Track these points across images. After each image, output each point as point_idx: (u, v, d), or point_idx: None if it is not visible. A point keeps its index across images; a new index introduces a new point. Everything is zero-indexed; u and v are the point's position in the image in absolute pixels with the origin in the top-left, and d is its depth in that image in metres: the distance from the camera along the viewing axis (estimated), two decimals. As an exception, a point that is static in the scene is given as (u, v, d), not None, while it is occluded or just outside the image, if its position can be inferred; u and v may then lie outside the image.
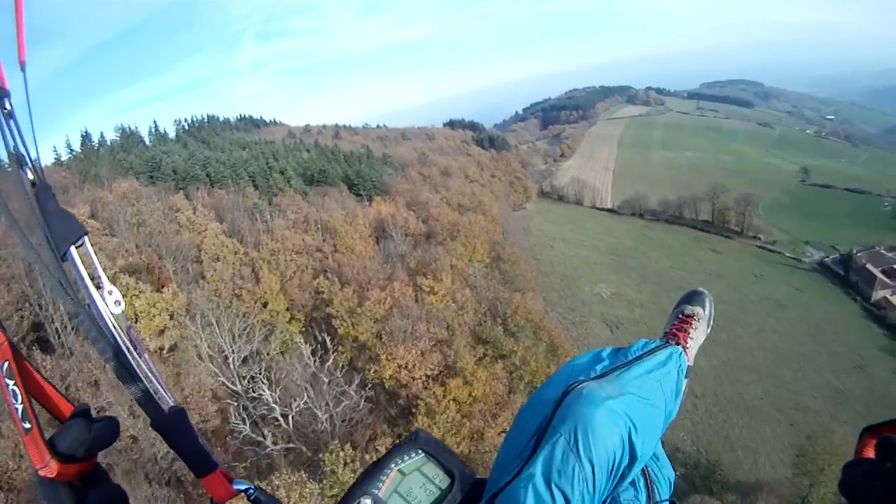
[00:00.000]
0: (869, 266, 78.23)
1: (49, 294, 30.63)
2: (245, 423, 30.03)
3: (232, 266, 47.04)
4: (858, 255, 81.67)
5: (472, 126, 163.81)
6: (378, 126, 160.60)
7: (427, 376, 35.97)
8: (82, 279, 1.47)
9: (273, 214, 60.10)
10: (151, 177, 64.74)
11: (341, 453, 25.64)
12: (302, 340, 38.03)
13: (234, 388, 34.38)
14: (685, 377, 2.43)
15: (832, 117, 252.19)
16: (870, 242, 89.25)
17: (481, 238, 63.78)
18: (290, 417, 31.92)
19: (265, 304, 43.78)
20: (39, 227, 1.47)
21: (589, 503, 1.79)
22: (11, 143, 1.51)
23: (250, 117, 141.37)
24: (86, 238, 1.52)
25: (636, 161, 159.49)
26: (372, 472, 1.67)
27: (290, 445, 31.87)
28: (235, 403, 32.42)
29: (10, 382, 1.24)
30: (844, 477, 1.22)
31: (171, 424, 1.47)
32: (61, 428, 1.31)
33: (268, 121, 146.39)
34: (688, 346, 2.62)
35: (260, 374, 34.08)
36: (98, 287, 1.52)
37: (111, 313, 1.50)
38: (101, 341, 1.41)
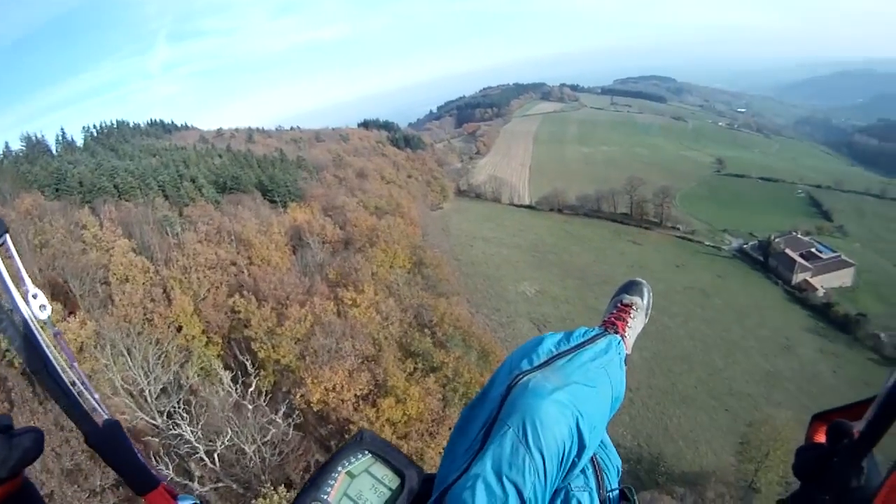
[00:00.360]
0: (788, 251, 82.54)
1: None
2: (168, 465, 27.27)
3: (142, 287, 44.27)
4: (777, 240, 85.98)
5: (387, 126, 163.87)
6: (292, 128, 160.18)
7: (357, 397, 34.96)
8: (3, 281, 1.36)
9: (184, 227, 57.56)
10: (57, 190, 60.88)
11: (275, 496, 24.00)
12: (221, 365, 36.83)
13: (154, 422, 31.99)
14: (625, 364, 2.52)
15: (743, 110, 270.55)
16: (786, 228, 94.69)
17: (401, 243, 63.05)
18: (215, 455, 29.35)
19: (179, 328, 41.56)
20: None
21: (541, 493, 1.87)
22: None
23: (161, 122, 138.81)
24: (7, 236, 1.42)
25: (552, 157, 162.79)
26: (319, 477, 1.65)
27: (220, 485, 29.67)
28: (157, 439, 29.96)
29: None
30: (798, 461, 1.32)
31: (108, 440, 1.42)
32: None
33: (179, 125, 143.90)
34: (626, 334, 2.72)
35: (179, 406, 31.03)
36: (21, 290, 1.41)
37: (36, 319, 1.40)
38: (28, 350, 1.34)
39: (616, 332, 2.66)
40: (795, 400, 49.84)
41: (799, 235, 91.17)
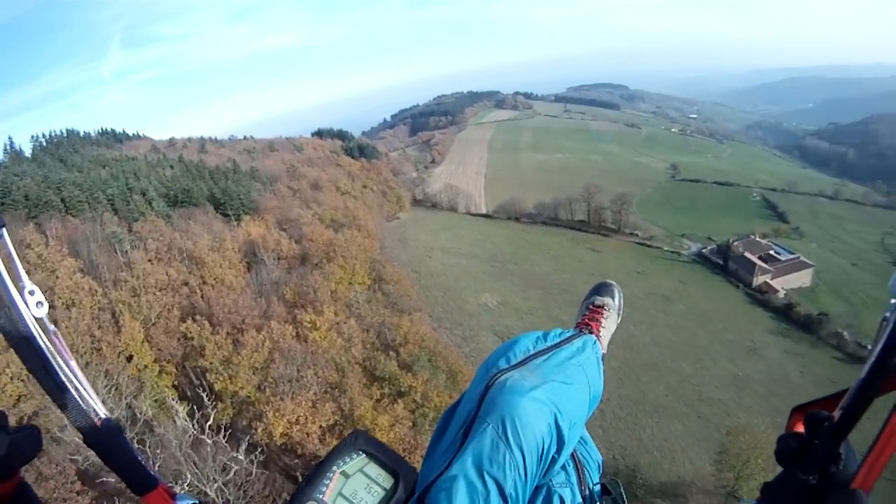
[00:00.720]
0: (747, 254, 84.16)
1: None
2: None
3: (90, 312, 41.99)
4: (735, 244, 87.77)
5: (341, 135, 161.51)
6: (245, 137, 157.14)
7: (322, 429, 33.87)
8: (0, 276, 1.35)
9: (133, 244, 55.00)
10: (2, 204, 57.50)
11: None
12: (176, 397, 35.42)
13: (107, 463, 28.69)
14: (602, 363, 2.60)
15: (695, 116, 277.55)
16: (744, 231, 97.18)
17: (360, 257, 62.15)
18: (175, 499, 26.65)
19: (130, 358, 39.45)
20: None
21: (521, 489, 1.92)
22: None
23: (113, 131, 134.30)
24: (3, 230, 1.43)
25: (507, 165, 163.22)
26: (314, 477, 1.69)
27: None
28: (112, 480, 27.04)
29: None
30: (779, 447, 1.40)
31: (107, 440, 1.43)
32: None
33: (131, 134, 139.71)
34: (601, 334, 2.83)
35: (133, 444, 28.21)
36: (18, 285, 1.39)
37: (33, 316, 1.39)
38: (26, 348, 1.33)
39: (591, 333, 2.75)
40: (765, 402, 50.29)
41: (757, 238, 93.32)
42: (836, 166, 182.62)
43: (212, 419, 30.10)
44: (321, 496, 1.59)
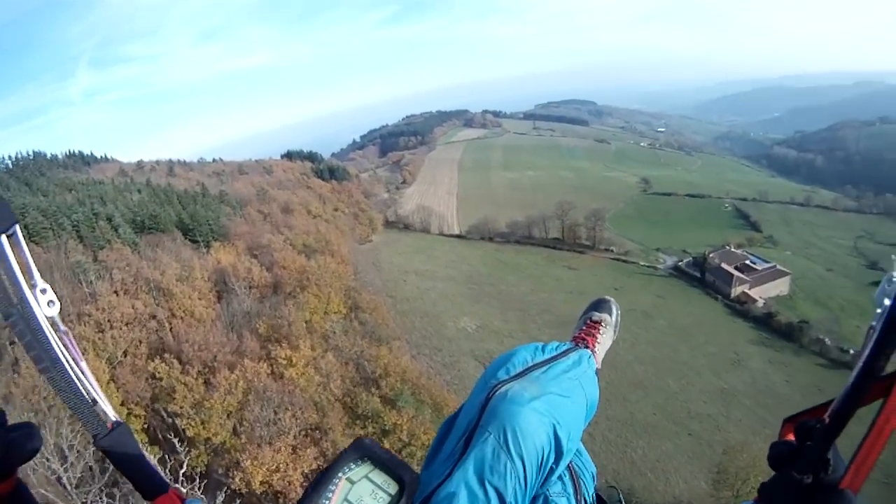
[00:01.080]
0: (723, 265, 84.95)
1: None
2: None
3: None
4: (711, 255, 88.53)
5: (311, 157, 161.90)
6: (214, 160, 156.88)
7: (305, 475, 32.23)
8: (13, 274, 1.35)
9: (99, 274, 53.49)
10: None
11: None
12: (146, 443, 33.73)
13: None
14: (597, 377, 2.68)
15: (663, 129, 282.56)
16: (718, 243, 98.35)
17: (334, 285, 61.31)
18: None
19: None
20: None
21: (521, 498, 1.98)
22: None
23: (80, 153, 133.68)
24: (17, 227, 1.43)
25: (478, 184, 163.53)
26: (319, 483, 1.65)
27: None
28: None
29: None
30: (771, 453, 1.46)
31: (117, 442, 1.43)
32: None
33: (99, 157, 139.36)
34: (596, 350, 2.88)
35: (102, 497, 26.73)
36: (30, 283, 1.40)
37: (45, 315, 1.38)
38: (37, 347, 1.31)
39: (586, 347, 2.81)
40: (754, 414, 50.37)
41: (732, 249, 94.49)
42: (805, 173, 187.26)
43: (185, 466, 28.69)
44: (327, 502, 1.56)
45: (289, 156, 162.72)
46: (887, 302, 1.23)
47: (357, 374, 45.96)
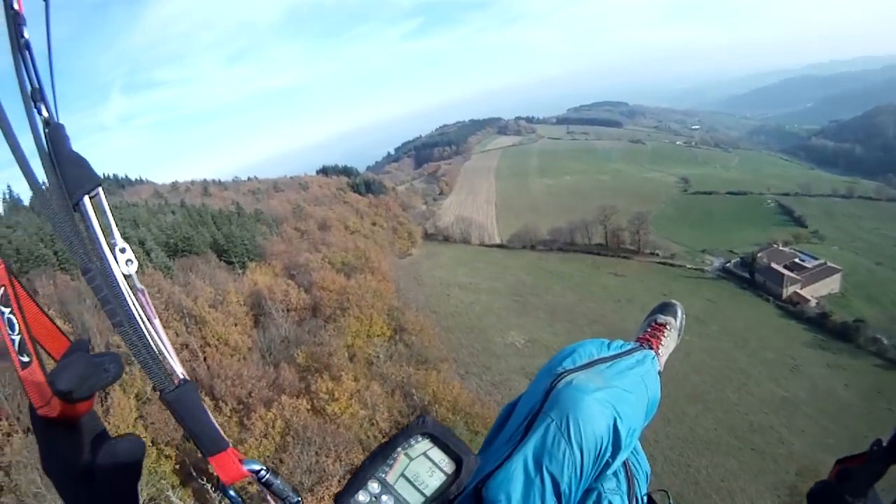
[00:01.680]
0: (773, 265, 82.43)
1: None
2: None
3: None
4: (760, 255, 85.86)
5: (346, 171, 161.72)
6: (249, 178, 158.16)
7: None
8: (94, 233, 1.42)
9: None
10: None
11: None
12: (178, 486, 32.24)
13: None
14: (660, 379, 2.73)
15: (697, 127, 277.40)
16: (762, 240, 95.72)
17: (376, 305, 59.26)
18: None
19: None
20: (52, 170, 1.46)
21: (575, 488, 2.02)
22: (26, 77, 1.47)
23: (115, 176, 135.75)
24: (100, 189, 1.48)
25: (517, 191, 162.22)
26: (378, 456, 1.71)
27: None
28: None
29: (6, 310, 1.22)
30: (810, 490, 1.55)
31: (181, 398, 1.44)
32: (60, 363, 1.25)
33: (134, 179, 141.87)
34: (660, 352, 2.93)
35: None
36: (110, 242, 1.45)
37: (123, 273, 1.44)
38: (112, 303, 1.35)
39: (651, 349, 2.85)
40: (817, 424, 48.58)
41: (780, 247, 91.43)
42: (845, 164, 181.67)
43: (217, 512, 27.88)
44: (384, 475, 1.62)
45: (324, 171, 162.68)
46: None
47: (405, 403, 44.19)
